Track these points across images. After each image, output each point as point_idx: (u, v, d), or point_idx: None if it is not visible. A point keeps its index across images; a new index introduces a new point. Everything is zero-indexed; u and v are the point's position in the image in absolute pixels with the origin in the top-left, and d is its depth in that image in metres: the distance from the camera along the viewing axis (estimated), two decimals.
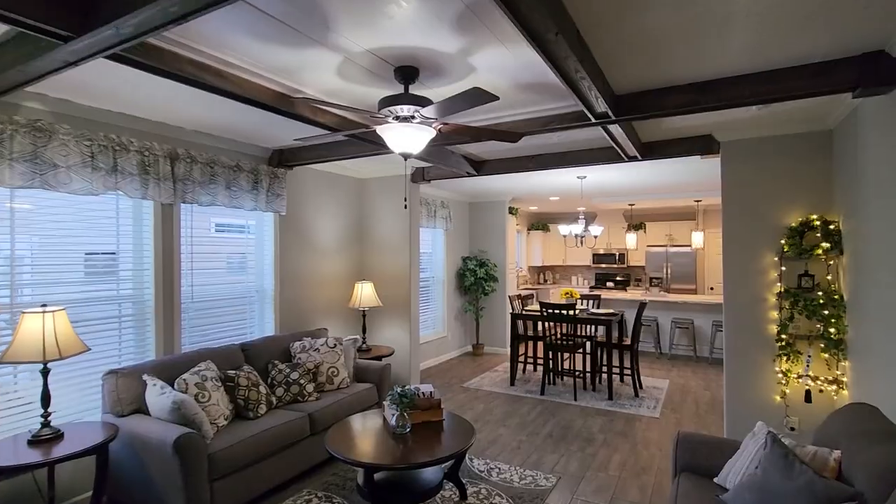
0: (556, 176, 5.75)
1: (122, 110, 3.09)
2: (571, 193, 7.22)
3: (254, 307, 4.29)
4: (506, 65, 2.36)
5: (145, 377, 2.92)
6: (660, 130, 3.73)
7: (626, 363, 6.63)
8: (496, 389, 5.65)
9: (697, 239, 7.97)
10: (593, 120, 2.85)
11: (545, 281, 11.37)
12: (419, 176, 5.20)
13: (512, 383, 5.83)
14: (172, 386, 2.97)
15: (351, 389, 3.95)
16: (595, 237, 6.01)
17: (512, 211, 8.19)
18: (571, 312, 5.25)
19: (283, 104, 2.66)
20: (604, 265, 10.66)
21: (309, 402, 3.61)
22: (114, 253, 3.28)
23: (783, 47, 2.24)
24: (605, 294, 8.10)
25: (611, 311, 5.74)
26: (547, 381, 5.61)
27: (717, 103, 2.62)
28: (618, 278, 10.69)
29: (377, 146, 3.54)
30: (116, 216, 3.28)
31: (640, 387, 5.59)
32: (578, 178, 5.85)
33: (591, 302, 6.46)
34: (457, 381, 6.04)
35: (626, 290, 10.29)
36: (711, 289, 9.46)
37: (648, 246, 9.85)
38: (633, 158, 4.08)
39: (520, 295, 6.43)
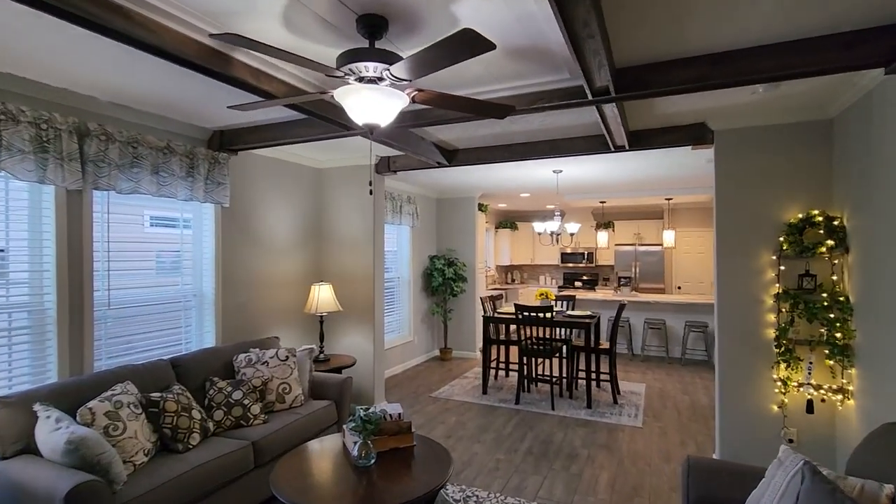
0: (532, 169, 5.39)
1: (8, 69, 2.45)
2: (545, 189, 6.89)
3: (190, 314, 3.68)
4: (496, 18, 1.92)
5: (37, 407, 2.30)
6: (651, 117, 3.41)
7: (602, 367, 6.37)
8: (468, 399, 5.23)
9: (669, 238, 7.84)
10: (590, 97, 2.46)
11: (513, 281, 11.09)
12: (384, 166, 4.70)
13: (484, 391, 5.42)
14: (75, 417, 2.37)
15: (306, 408, 3.42)
16: (571, 235, 5.70)
17: (481, 207, 7.81)
18: (548, 315, 4.89)
19: (215, 62, 2.12)
20: (571, 265, 10.48)
21: (255, 427, 3.06)
22: (2, 250, 2.63)
23: (817, 8, 1.91)
24: (578, 294, 7.84)
25: (587, 312, 5.44)
26: (522, 389, 5.23)
27: (732, 78, 2.28)
28: (584, 278, 10.52)
29: (336, 126, 3.03)
30: (6, 204, 2.63)
31: (618, 392, 5.31)
32: (554, 171, 5.51)
33: (566, 303, 6.15)
34: (425, 390, 5.58)
35: (594, 289, 10.13)
36: (679, 288, 9.42)
37: (617, 245, 9.71)
38: (620, 148, 3.74)
39: (491, 296, 6.05)
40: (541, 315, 4.90)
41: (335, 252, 4.88)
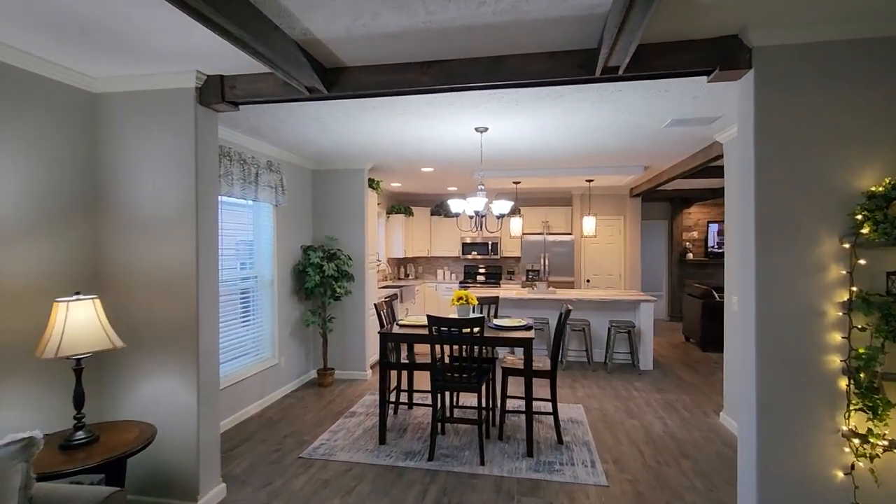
0: (448, 124, 3.84)
1: None
2: (459, 158, 5.40)
3: None
4: None
5: None
6: (674, 18, 2.05)
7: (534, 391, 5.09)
8: (359, 456, 3.53)
9: (589, 225, 6.90)
10: None
11: (407, 276, 9.54)
12: (216, 92, 2.77)
13: (382, 440, 3.77)
14: None
15: None
16: (499, 217, 4.26)
17: (373, 184, 6.08)
18: (477, 331, 3.40)
19: None
20: (470, 256, 9.23)
21: None
22: None
23: None
24: (488, 292, 6.52)
25: (521, 322, 4.07)
26: (436, 430, 3.66)
27: None
28: (482, 270, 9.37)
29: None
30: None
31: (559, 425, 4.03)
32: (478, 130, 4.03)
33: (489, 308, 4.73)
34: (293, 445, 3.76)
35: (499, 284, 9.02)
36: (588, 281, 8.69)
37: (525, 234, 8.67)
38: (609, 72, 2.34)
39: (388, 299, 4.41)
40: (466, 331, 3.39)
41: (126, 238, 2.82)
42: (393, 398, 4.51)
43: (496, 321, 4.12)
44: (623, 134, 4.23)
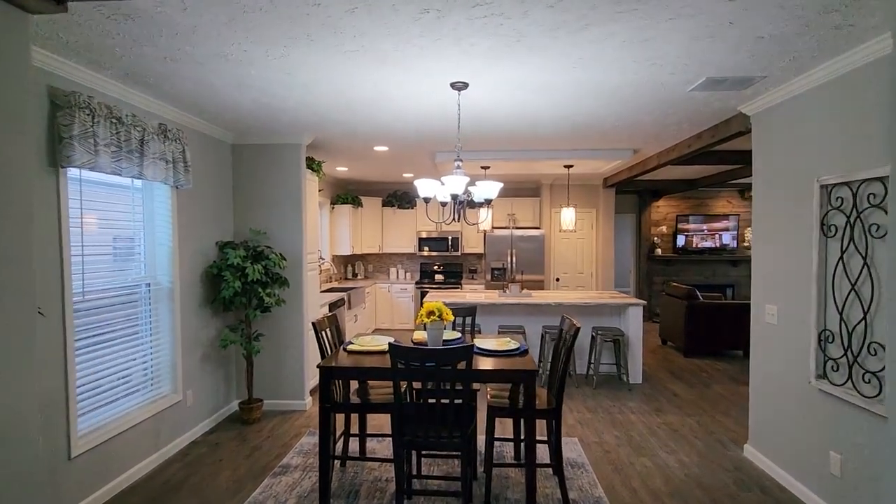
0: (413, 73, 2.77)
1: None
2: (424, 130, 4.33)
3: None
4: None
5: None
6: None
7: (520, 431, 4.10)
8: None
9: (568, 218, 6.04)
10: None
11: (355, 275, 8.36)
12: None
13: None
14: None
15: None
16: (483, 204, 3.21)
17: (313, 166, 4.89)
18: (462, 365, 2.38)
19: None
20: (425, 253, 8.20)
21: None
22: None
23: None
24: (449, 296, 5.51)
25: (513, 344, 3.09)
26: (402, 500, 2.61)
27: None
28: (438, 268, 8.38)
29: None
30: None
31: (560, 467, 3.08)
32: (455, 87, 2.99)
33: (464, 321, 3.70)
34: None
35: (460, 285, 8.05)
36: (557, 280, 7.91)
37: (493, 228, 7.74)
38: None
39: (330, 308, 3.30)
40: (449, 367, 2.35)
41: None
42: (340, 448, 3.40)
43: (479, 342, 3.12)
44: (634, 102, 3.35)
